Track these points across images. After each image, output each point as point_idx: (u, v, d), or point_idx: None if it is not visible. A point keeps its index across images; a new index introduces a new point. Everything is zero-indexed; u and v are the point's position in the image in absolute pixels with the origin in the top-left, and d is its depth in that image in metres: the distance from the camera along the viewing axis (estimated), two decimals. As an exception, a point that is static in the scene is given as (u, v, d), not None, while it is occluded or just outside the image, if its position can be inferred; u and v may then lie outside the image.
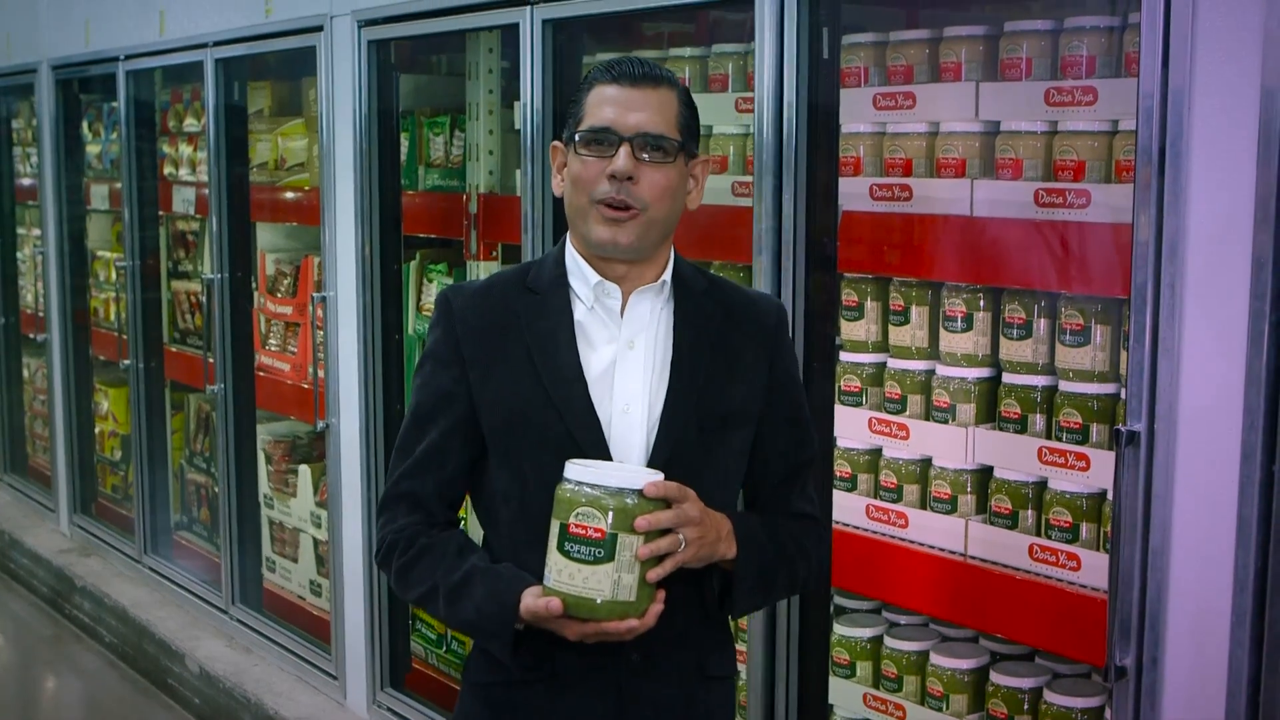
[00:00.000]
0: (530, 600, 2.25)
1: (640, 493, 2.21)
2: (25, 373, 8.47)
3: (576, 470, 2.24)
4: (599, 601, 2.20)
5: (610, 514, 2.20)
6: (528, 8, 3.74)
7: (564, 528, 2.22)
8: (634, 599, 2.21)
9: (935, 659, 3.37)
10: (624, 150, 2.31)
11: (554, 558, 2.23)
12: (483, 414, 2.40)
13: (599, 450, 2.34)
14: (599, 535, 2.20)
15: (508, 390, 2.39)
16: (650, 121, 2.32)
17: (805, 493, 2.55)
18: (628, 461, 2.36)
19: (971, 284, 3.22)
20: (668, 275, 2.45)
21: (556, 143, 2.45)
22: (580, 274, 2.43)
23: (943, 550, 3.23)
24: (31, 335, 8.15)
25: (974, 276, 3.17)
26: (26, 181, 8.38)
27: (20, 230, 8.54)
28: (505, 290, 2.47)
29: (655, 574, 2.22)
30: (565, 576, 2.21)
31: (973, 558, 3.17)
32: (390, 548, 2.43)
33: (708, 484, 2.35)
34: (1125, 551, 2.50)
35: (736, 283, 2.59)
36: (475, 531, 2.57)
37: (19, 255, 8.54)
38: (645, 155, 2.32)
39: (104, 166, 7.34)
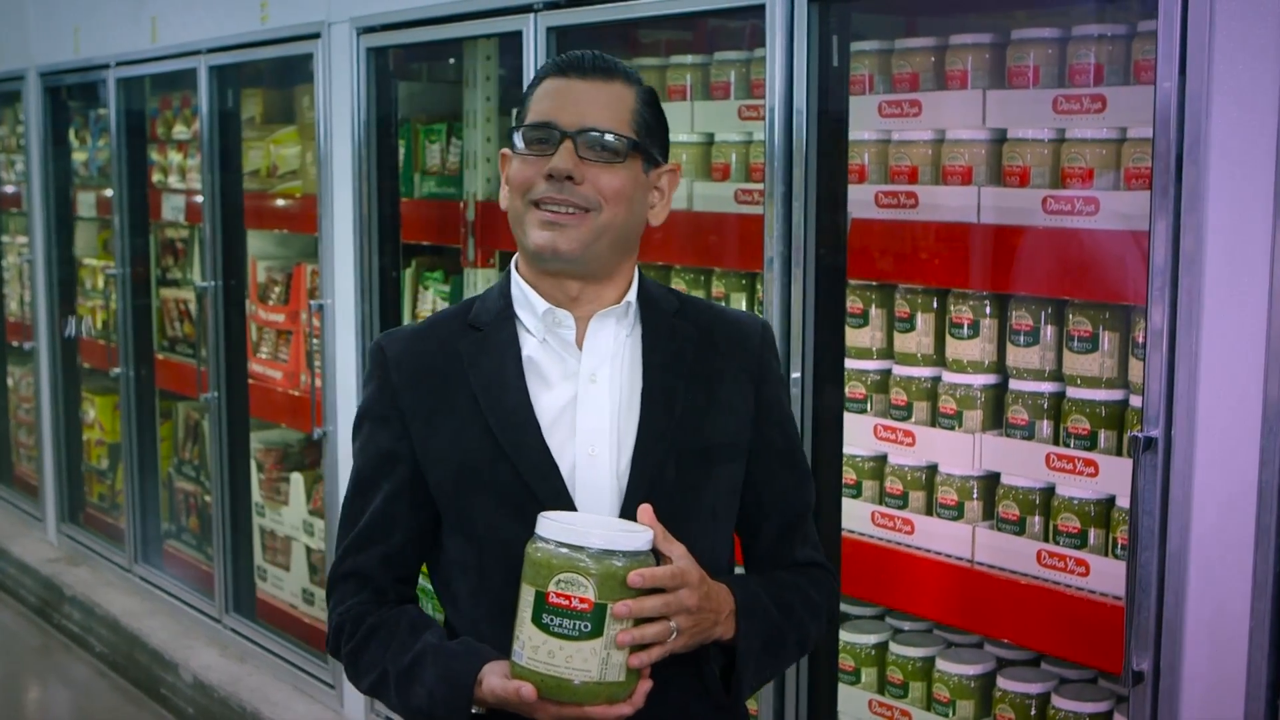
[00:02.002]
0: (496, 682, 1.94)
1: (631, 554, 1.90)
2: (10, 381, 8.44)
3: (551, 527, 1.91)
4: (578, 683, 1.88)
5: (596, 580, 1.87)
6: (531, 15, 3.74)
7: (541, 597, 1.88)
8: (623, 679, 1.90)
9: (941, 665, 3.38)
10: (565, 146, 2.04)
11: (528, 631, 1.90)
12: (428, 472, 2.12)
13: (562, 503, 2.06)
14: (585, 607, 1.86)
15: (453, 443, 2.11)
16: (597, 116, 2.06)
17: (810, 539, 2.29)
18: (598, 513, 2.07)
19: (978, 291, 3.23)
20: (631, 296, 2.17)
21: (505, 150, 2.16)
22: (527, 303, 2.14)
23: (949, 556, 3.24)
24: (16, 343, 8.12)
25: (981, 283, 3.18)
26: (9, 189, 8.35)
27: (5, 238, 8.50)
28: (446, 330, 2.19)
29: (639, 660, 1.92)
30: (543, 654, 1.88)
31: (980, 564, 3.18)
32: (337, 632, 2.17)
33: (693, 529, 2.07)
34: (1143, 557, 2.50)
35: (712, 302, 2.36)
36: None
37: (2, 264, 8.50)
38: (591, 154, 2.06)
39: (90, 174, 7.31)
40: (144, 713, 5.75)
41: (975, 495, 3.27)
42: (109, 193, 6.76)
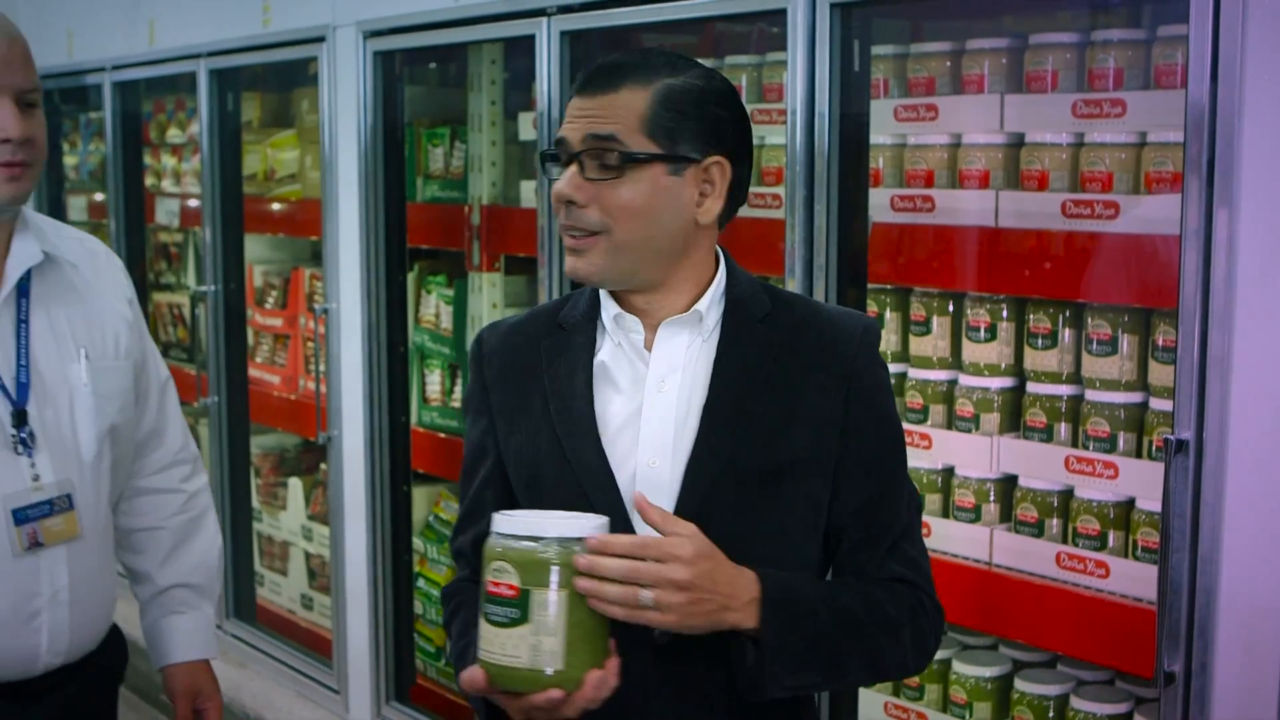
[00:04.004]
0: (465, 671, 1.96)
1: (561, 541, 1.90)
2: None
3: (498, 520, 1.95)
4: (513, 669, 1.90)
5: (521, 568, 1.89)
6: (544, 19, 3.75)
7: (483, 588, 1.93)
8: (561, 666, 1.89)
9: (958, 667, 3.39)
10: (568, 171, 2.02)
11: (480, 624, 1.95)
12: (508, 468, 2.17)
13: (616, 513, 2.02)
14: (512, 593, 1.89)
15: (527, 444, 2.12)
16: (602, 129, 2.01)
17: (903, 556, 2.13)
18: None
19: (994, 294, 3.24)
20: (704, 304, 2.10)
21: None
22: (607, 306, 2.14)
23: (967, 559, 3.25)
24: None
25: (999, 287, 3.19)
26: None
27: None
28: (536, 326, 2.21)
29: (598, 606, 1.89)
30: (486, 643, 1.93)
31: (998, 566, 3.19)
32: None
33: (760, 551, 2.01)
34: (1174, 559, 2.52)
35: (815, 301, 2.27)
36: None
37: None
38: (597, 172, 2.01)
39: (81, 178, 7.28)
40: (142, 719, 5.73)
41: (992, 498, 3.29)
42: (100, 197, 6.74)
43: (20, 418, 2.52)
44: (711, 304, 2.12)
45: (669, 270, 2.09)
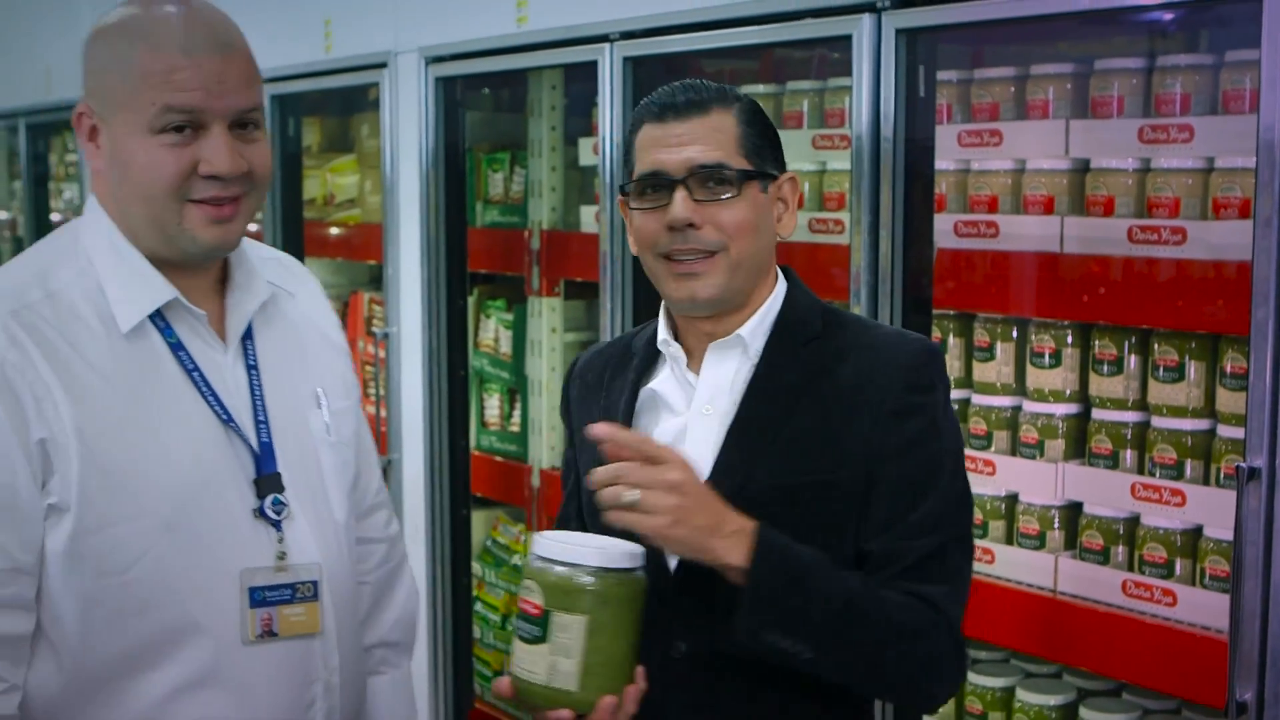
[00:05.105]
0: (497, 681, 2.04)
1: (585, 569, 1.94)
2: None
3: (536, 540, 2.01)
4: (533, 684, 1.97)
5: (545, 590, 1.95)
6: (607, 45, 3.76)
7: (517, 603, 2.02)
8: (575, 688, 1.95)
9: (1022, 694, 3.37)
10: (680, 195, 2.04)
11: (513, 636, 2.03)
12: (582, 486, 2.20)
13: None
14: (535, 612, 1.95)
15: (587, 465, 2.14)
16: (705, 154, 2.05)
17: (929, 579, 2.07)
18: None
19: (1059, 320, 3.23)
20: (748, 329, 2.14)
21: (621, 197, 2.19)
22: (661, 331, 2.20)
23: (1031, 586, 3.23)
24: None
25: (1064, 312, 3.18)
26: (56, 217, 8.39)
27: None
28: (613, 350, 2.28)
29: (611, 517, 1.95)
30: (515, 656, 2.00)
31: (1063, 593, 3.17)
32: None
33: None
34: (1246, 587, 2.50)
35: (872, 323, 2.31)
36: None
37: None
38: (707, 194, 2.05)
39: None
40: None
41: (1056, 525, 3.27)
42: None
43: (267, 484, 2.15)
44: (758, 327, 2.15)
45: (755, 286, 2.15)
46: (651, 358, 2.20)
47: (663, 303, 2.21)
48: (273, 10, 5.30)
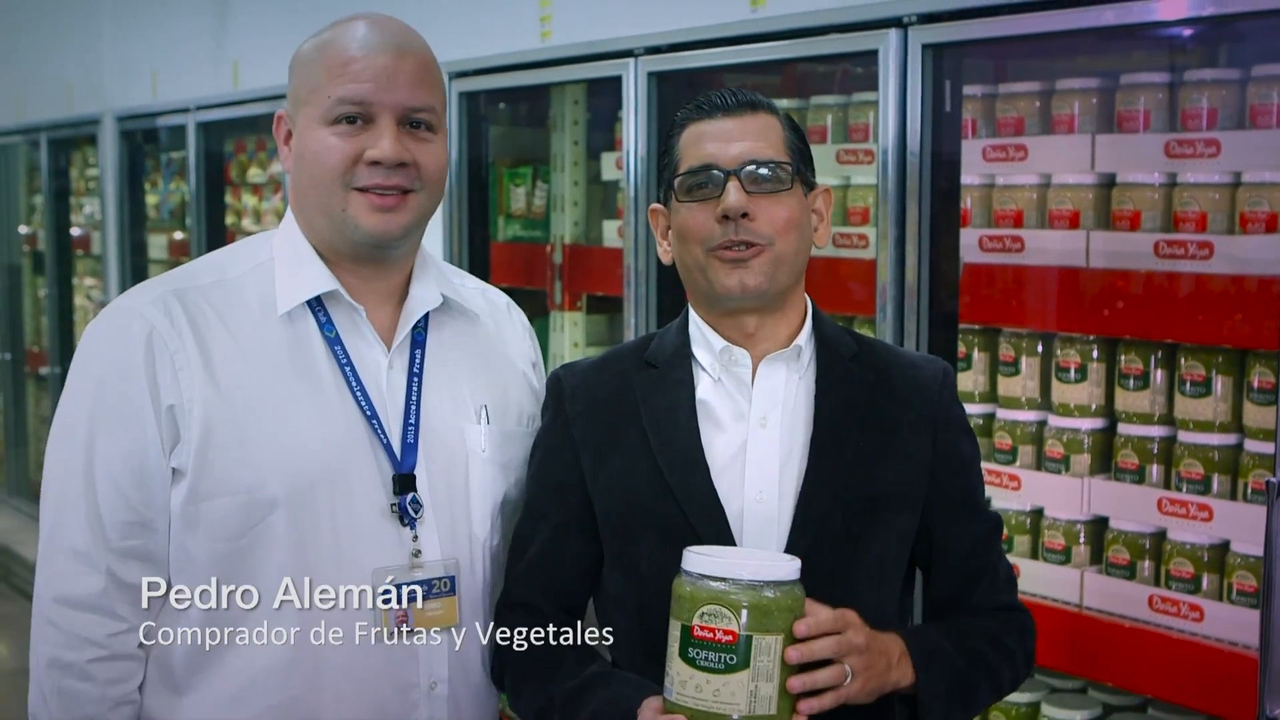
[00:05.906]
0: (649, 715, 1.93)
1: (778, 584, 1.88)
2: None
3: (697, 560, 1.90)
4: (735, 718, 1.86)
5: (744, 612, 1.86)
6: (632, 60, 3.77)
7: (687, 630, 1.88)
8: (774, 712, 1.87)
9: (1047, 710, 3.36)
10: (732, 185, 2.04)
11: (676, 665, 1.89)
12: (596, 504, 2.13)
13: (724, 545, 2.04)
14: (730, 639, 1.86)
15: (623, 478, 2.11)
16: (756, 149, 2.06)
17: (999, 582, 2.20)
18: None
19: (1085, 334, 3.23)
20: (802, 339, 2.14)
21: (656, 205, 2.18)
22: (705, 341, 2.15)
23: (1056, 601, 3.23)
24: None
25: (1089, 327, 3.18)
26: (76, 231, 8.42)
27: (74, 280, 8.57)
28: (621, 365, 2.21)
29: (811, 706, 1.89)
30: (691, 689, 1.87)
31: (1089, 608, 3.17)
32: (504, 659, 2.17)
33: (858, 581, 2.07)
34: (1275, 602, 2.49)
35: (890, 344, 2.34)
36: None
37: (73, 305, 8.58)
38: (758, 187, 2.05)
39: (161, 217, 7.37)
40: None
41: (1082, 540, 3.26)
42: (180, 235, 6.81)
43: (404, 483, 2.16)
44: (806, 340, 2.15)
45: (793, 290, 2.14)
46: (685, 370, 2.16)
47: (688, 313, 2.19)
48: (286, 32, 5.31)
